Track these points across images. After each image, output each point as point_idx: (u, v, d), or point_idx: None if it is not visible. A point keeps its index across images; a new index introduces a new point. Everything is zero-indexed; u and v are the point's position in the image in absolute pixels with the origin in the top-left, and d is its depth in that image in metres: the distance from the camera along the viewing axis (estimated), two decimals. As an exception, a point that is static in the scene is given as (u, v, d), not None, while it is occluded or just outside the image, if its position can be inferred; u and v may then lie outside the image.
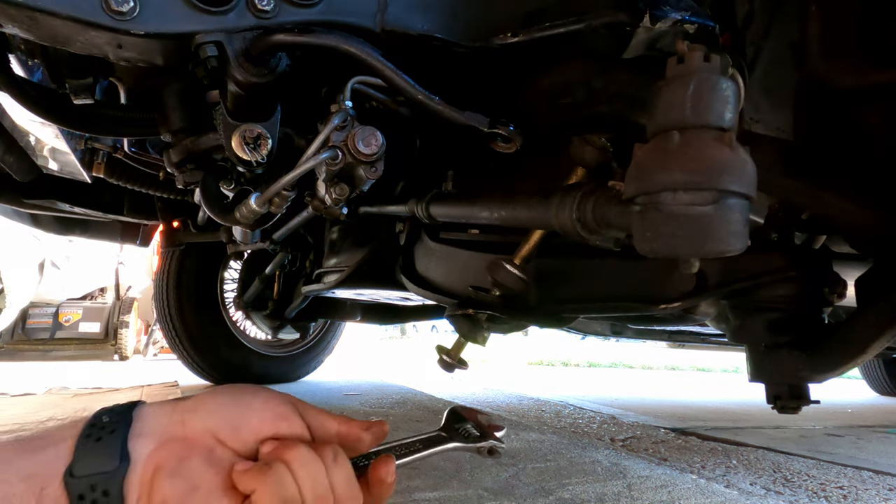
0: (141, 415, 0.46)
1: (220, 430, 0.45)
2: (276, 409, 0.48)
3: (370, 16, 0.62)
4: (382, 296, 1.74)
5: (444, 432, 0.58)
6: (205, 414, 0.46)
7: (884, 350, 0.68)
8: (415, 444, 0.55)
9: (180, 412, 0.46)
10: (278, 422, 0.47)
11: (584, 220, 0.57)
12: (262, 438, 0.46)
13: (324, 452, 0.46)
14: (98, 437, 0.43)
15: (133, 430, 0.44)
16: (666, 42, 0.62)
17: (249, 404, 0.47)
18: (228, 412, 0.46)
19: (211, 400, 0.47)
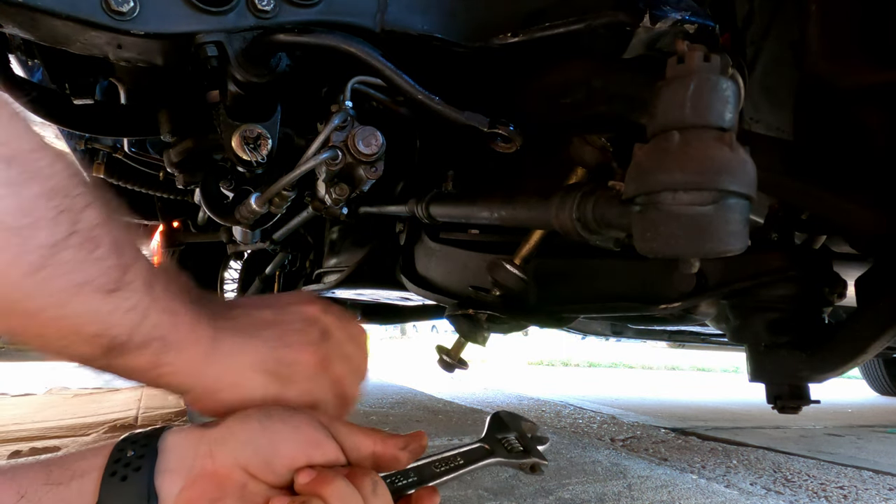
0: (166, 447, 0.43)
1: (251, 464, 0.43)
2: (309, 436, 0.46)
3: (370, 16, 0.62)
4: (382, 296, 1.74)
5: (487, 443, 0.55)
6: (234, 446, 0.44)
7: (884, 350, 0.68)
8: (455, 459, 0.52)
9: (207, 443, 0.44)
10: (311, 449, 0.45)
11: (584, 220, 0.57)
12: (295, 468, 0.44)
13: (362, 483, 0.44)
14: (123, 476, 0.41)
15: (160, 466, 0.42)
16: (666, 42, 0.62)
17: (280, 432, 0.45)
18: (260, 443, 0.44)
19: (240, 429, 0.45)
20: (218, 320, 0.49)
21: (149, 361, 0.43)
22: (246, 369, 0.49)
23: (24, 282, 0.36)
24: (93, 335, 0.40)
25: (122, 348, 0.41)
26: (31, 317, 0.38)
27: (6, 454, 1.33)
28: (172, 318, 0.44)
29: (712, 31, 0.59)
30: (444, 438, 1.71)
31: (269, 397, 0.49)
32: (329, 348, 0.54)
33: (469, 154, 0.96)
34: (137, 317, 0.41)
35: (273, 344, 0.50)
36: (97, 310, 0.39)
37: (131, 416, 1.82)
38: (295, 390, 0.50)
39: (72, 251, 0.37)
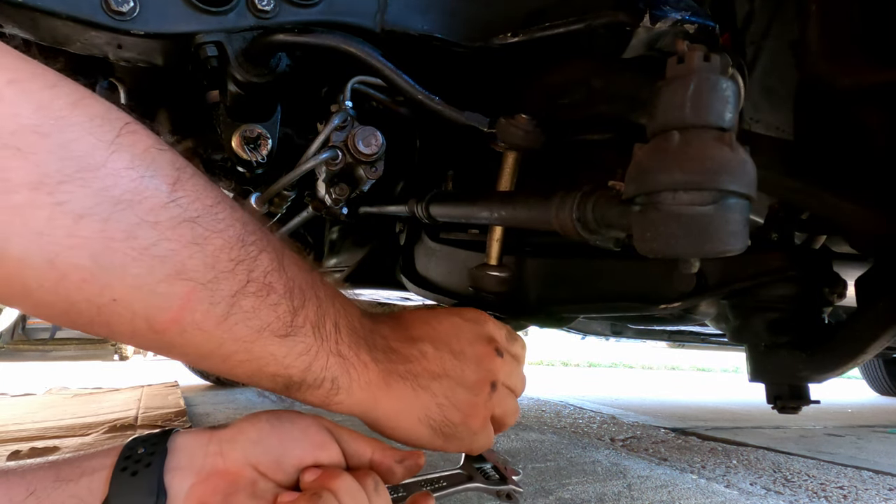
0: (176, 446, 0.44)
1: (261, 462, 0.45)
2: (315, 438, 0.48)
3: (370, 16, 0.62)
4: (382, 296, 1.74)
5: (465, 471, 0.60)
6: (245, 445, 0.45)
7: (884, 350, 0.68)
8: (439, 481, 0.57)
9: (217, 442, 0.45)
10: (317, 451, 0.47)
11: (584, 220, 0.57)
12: (302, 468, 0.46)
13: (365, 482, 0.47)
14: (134, 471, 0.42)
15: (169, 463, 0.43)
16: (666, 42, 0.62)
17: (289, 433, 0.47)
18: (269, 443, 0.46)
19: (249, 429, 0.47)
20: (391, 362, 0.51)
21: (322, 399, 0.47)
22: (413, 421, 0.51)
23: (215, 331, 0.39)
24: (272, 375, 0.44)
25: (297, 387, 0.45)
26: (223, 360, 0.42)
27: (6, 454, 1.33)
28: (342, 361, 0.47)
29: (712, 31, 0.60)
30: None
31: (429, 446, 0.53)
32: (496, 400, 0.56)
33: (469, 154, 0.96)
34: (309, 359, 0.44)
35: (442, 401, 0.52)
36: (274, 353, 0.42)
37: (131, 416, 1.82)
38: (456, 446, 0.54)
39: (250, 299, 0.40)
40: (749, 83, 0.72)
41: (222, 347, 0.41)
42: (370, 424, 0.51)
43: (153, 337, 0.39)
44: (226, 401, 2.30)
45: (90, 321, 0.37)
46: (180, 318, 0.38)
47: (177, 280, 0.37)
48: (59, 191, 0.34)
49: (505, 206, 0.70)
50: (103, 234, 0.35)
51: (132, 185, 0.36)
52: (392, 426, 0.51)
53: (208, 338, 0.40)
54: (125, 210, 0.35)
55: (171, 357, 0.47)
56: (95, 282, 0.35)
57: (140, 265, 0.36)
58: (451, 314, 0.58)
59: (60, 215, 0.34)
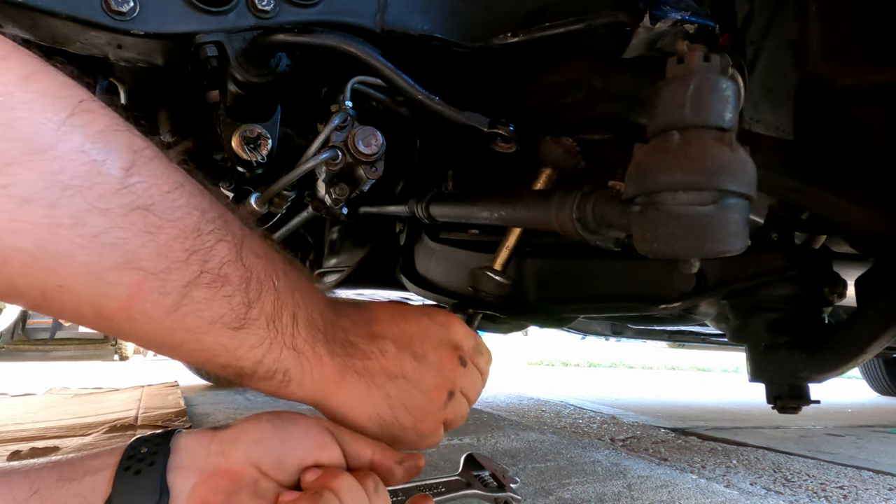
0: (179, 446, 0.45)
1: (263, 462, 0.45)
2: (316, 438, 0.48)
3: (370, 16, 0.62)
4: (382, 296, 1.74)
5: (464, 478, 0.61)
6: (247, 445, 0.46)
7: (884, 350, 0.68)
8: (438, 486, 0.58)
9: (219, 442, 0.45)
10: (319, 451, 0.47)
11: (584, 220, 0.57)
12: (303, 468, 0.46)
13: (366, 482, 0.47)
14: (137, 470, 0.42)
15: (172, 463, 0.43)
16: (666, 42, 0.62)
17: (291, 433, 0.47)
18: (271, 443, 0.46)
19: (251, 429, 0.47)
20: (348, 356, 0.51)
21: (273, 389, 0.47)
22: (363, 418, 0.51)
23: (165, 320, 0.39)
24: (223, 365, 0.43)
25: (249, 377, 0.45)
26: (172, 348, 0.41)
27: (6, 454, 1.33)
28: (296, 355, 0.46)
29: (712, 31, 0.60)
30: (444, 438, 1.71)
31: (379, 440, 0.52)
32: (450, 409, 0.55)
33: (469, 154, 0.96)
34: (262, 352, 0.44)
35: (395, 403, 0.52)
36: (226, 345, 0.42)
37: (131, 416, 1.82)
38: (402, 447, 0.53)
39: (203, 290, 0.39)
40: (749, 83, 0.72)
41: (172, 336, 0.40)
42: (321, 412, 0.51)
43: (100, 322, 0.38)
44: (226, 401, 2.30)
45: (34, 304, 0.37)
46: (129, 307, 0.37)
47: (126, 269, 0.36)
48: (3, 173, 0.32)
49: (505, 206, 0.70)
50: (50, 220, 0.34)
51: (82, 170, 0.34)
52: (341, 419, 0.51)
53: (157, 327, 0.39)
54: (74, 196, 0.34)
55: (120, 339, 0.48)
56: (39, 267, 0.34)
57: (88, 253, 0.35)
58: (421, 315, 0.57)
59: (3, 199, 0.32)
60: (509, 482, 0.61)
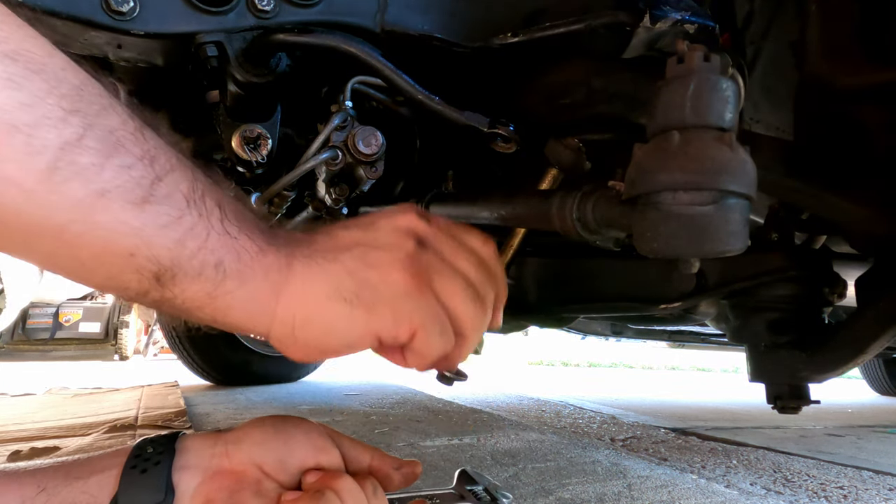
0: (184, 447, 0.46)
1: (265, 463, 0.46)
2: (317, 442, 0.48)
3: (370, 16, 0.62)
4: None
5: (457, 491, 0.62)
6: (250, 446, 0.46)
7: (884, 350, 0.68)
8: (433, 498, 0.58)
9: (223, 444, 0.46)
10: (319, 454, 0.48)
11: (585, 220, 0.57)
12: (304, 469, 0.47)
13: (365, 485, 0.47)
14: (143, 469, 0.43)
15: (177, 463, 0.44)
16: (666, 42, 0.62)
17: (293, 436, 0.48)
18: (273, 445, 0.47)
19: (255, 431, 0.47)
20: (293, 246, 0.42)
21: (205, 293, 0.37)
22: (321, 299, 0.40)
23: (39, 188, 0.31)
24: (129, 254, 0.35)
25: (171, 276, 0.36)
26: (58, 235, 0.33)
27: (6, 454, 1.33)
28: (229, 240, 0.38)
29: (712, 31, 0.60)
30: (444, 438, 1.71)
31: (357, 330, 0.41)
32: (427, 260, 0.44)
33: (469, 154, 0.96)
34: (180, 232, 0.36)
35: (353, 266, 0.42)
36: (126, 222, 0.34)
37: (131, 416, 1.82)
38: (386, 314, 0.41)
39: (87, 155, 0.32)
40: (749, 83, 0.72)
41: (52, 216, 0.32)
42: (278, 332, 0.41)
43: None
44: (226, 401, 2.30)
45: None
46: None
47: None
48: None
49: (505, 206, 0.70)
50: None
51: None
52: (299, 323, 0.40)
53: (29, 201, 0.32)
54: None
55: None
56: None
57: None
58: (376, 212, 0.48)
59: None
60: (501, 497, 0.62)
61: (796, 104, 0.67)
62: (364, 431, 1.78)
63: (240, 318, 0.40)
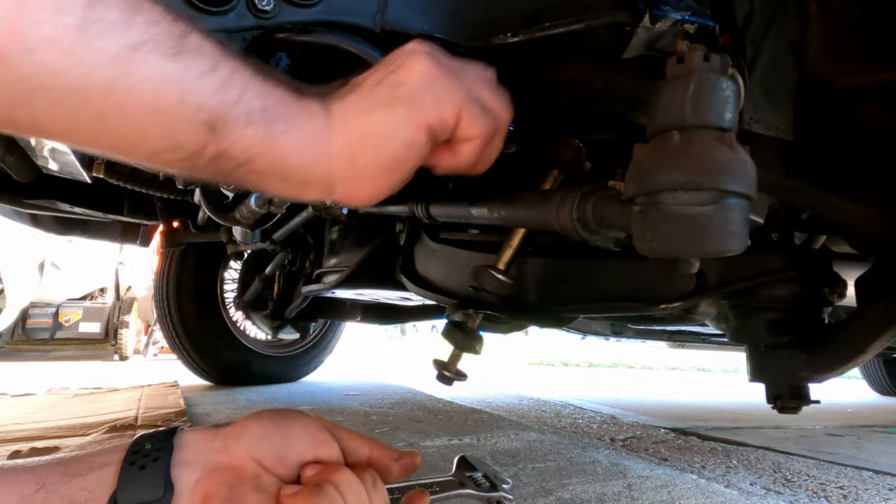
0: (182, 442, 0.46)
1: (264, 457, 0.46)
2: (316, 435, 0.48)
3: (370, 16, 0.62)
4: (382, 296, 1.74)
5: (457, 479, 0.62)
6: (249, 441, 0.46)
7: (884, 350, 0.68)
8: (433, 486, 0.58)
9: (222, 439, 0.46)
10: (318, 447, 0.48)
11: (584, 220, 0.57)
12: (303, 463, 0.47)
13: (364, 477, 0.47)
14: (142, 465, 0.43)
15: (175, 458, 0.44)
16: (666, 42, 0.62)
17: (291, 430, 0.48)
18: (273, 439, 0.47)
19: (253, 426, 0.47)
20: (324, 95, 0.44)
21: (259, 137, 0.39)
22: (364, 117, 0.43)
23: (75, 46, 0.32)
24: (178, 101, 0.36)
25: (222, 122, 0.37)
26: (106, 93, 0.34)
27: (6, 454, 1.33)
28: (268, 89, 0.40)
29: (712, 31, 0.60)
30: (444, 438, 1.71)
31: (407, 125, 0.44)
32: (440, 57, 0.47)
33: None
34: (218, 82, 0.37)
35: (383, 82, 0.45)
36: (167, 73, 0.35)
37: (131, 416, 1.82)
38: (426, 100, 0.44)
39: (113, 11, 0.33)
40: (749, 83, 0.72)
41: (95, 72, 0.33)
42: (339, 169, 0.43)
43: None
44: (226, 401, 2.30)
45: None
46: (20, 31, 0.31)
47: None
48: None
49: (505, 206, 0.70)
50: None
51: None
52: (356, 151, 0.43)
53: (69, 58, 0.32)
54: None
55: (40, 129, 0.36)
56: None
57: None
58: None
59: None
60: (501, 483, 0.62)
61: (796, 104, 0.67)
62: (364, 431, 1.77)
63: (298, 162, 0.41)
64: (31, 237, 4.98)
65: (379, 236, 1.37)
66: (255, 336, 2.72)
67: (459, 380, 0.80)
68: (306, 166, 0.42)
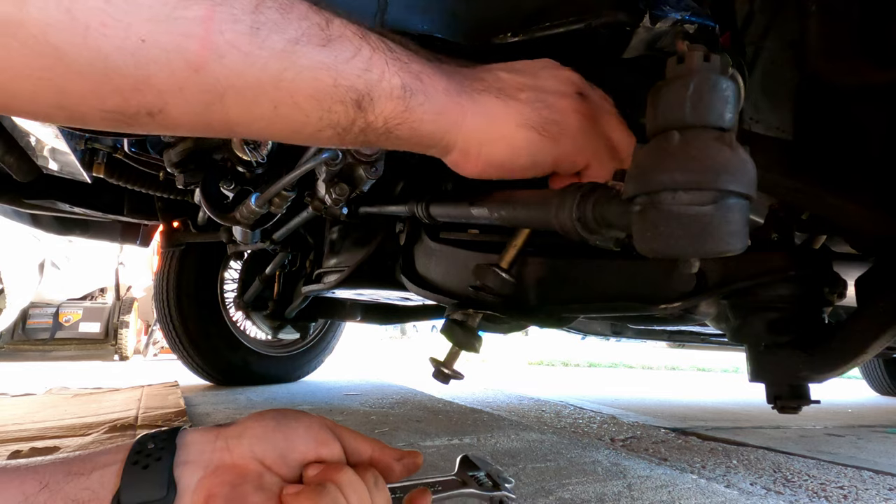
0: (185, 442, 0.46)
1: (266, 457, 0.46)
2: (318, 435, 0.48)
3: (370, 16, 0.62)
4: (382, 296, 1.74)
5: (459, 478, 0.62)
6: (251, 440, 0.46)
7: (884, 350, 0.68)
8: (435, 485, 0.58)
9: (224, 438, 0.46)
10: (320, 447, 0.48)
11: (584, 219, 0.57)
12: (305, 463, 0.47)
13: (366, 477, 0.47)
14: (145, 465, 0.43)
15: (178, 458, 0.44)
16: (666, 42, 0.62)
17: (294, 430, 0.48)
18: (275, 438, 0.47)
19: (256, 425, 0.48)
20: (462, 77, 0.49)
21: (399, 110, 0.44)
22: (512, 125, 0.49)
23: (251, 47, 0.38)
24: (333, 85, 0.42)
25: (368, 99, 0.43)
26: (276, 86, 0.40)
27: (6, 454, 1.33)
28: (406, 66, 0.45)
29: (712, 31, 0.60)
30: (444, 438, 1.71)
31: (543, 154, 0.51)
32: (590, 105, 0.54)
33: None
34: (363, 64, 0.43)
35: (535, 105, 0.50)
36: (322, 61, 0.41)
37: (131, 416, 1.82)
38: (568, 146, 0.52)
39: (272, 13, 0.39)
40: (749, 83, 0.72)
41: (267, 67, 0.39)
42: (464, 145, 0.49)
43: (197, 79, 0.38)
44: (226, 401, 2.30)
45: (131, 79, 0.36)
46: (211, 41, 0.37)
47: (190, 3, 0.36)
48: None
49: (505, 206, 0.70)
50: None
51: None
52: (488, 140, 0.49)
53: (248, 58, 0.39)
54: None
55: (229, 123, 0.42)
56: (116, 24, 0.34)
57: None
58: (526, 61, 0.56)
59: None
60: (504, 482, 0.61)
61: (796, 104, 0.67)
62: (364, 431, 1.77)
63: (432, 130, 0.47)
64: (31, 237, 4.98)
65: (379, 236, 1.37)
66: (256, 336, 2.73)
67: (456, 378, 0.80)
68: (436, 133, 0.48)
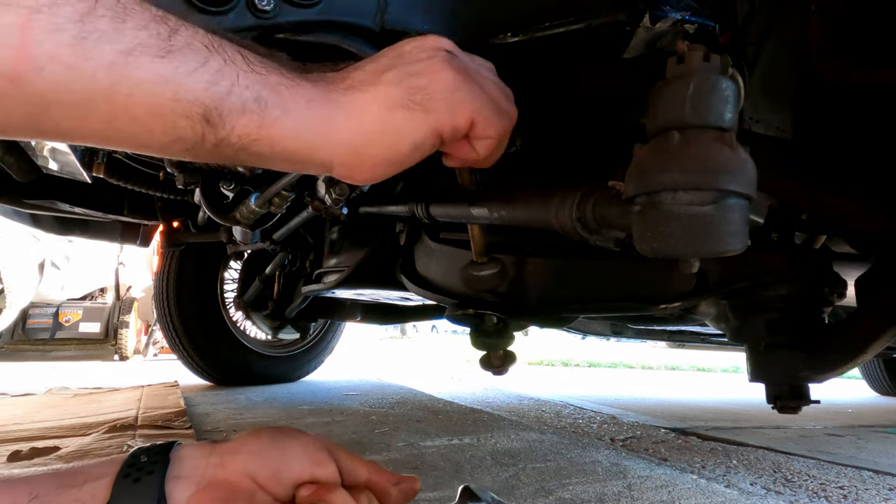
0: (178, 456, 0.45)
1: (260, 474, 0.45)
2: (314, 455, 0.48)
3: (370, 15, 0.62)
4: (382, 296, 1.74)
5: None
6: (246, 457, 0.46)
7: (884, 350, 0.68)
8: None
9: (219, 454, 0.46)
10: (315, 467, 0.47)
11: (584, 219, 0.57)
12: (299, 483, 0.46)
13: (360, 499, 0.47)
14: (136, 478, 0.43)
15: (171, 472, 0.44)
16: (666, 42, 0.62)
17: (289, 448, 0.47)
18: (270, 456, 0.46)
19: (252, 442, 0.47)
20: (328, 81, 0.45)
21: (254, 125, 0.40)
22: (380, 113, 0.44)
23: (75, 59, 0.35)
24: (173, 99, 0.38)
25: (217, 114, 0.39)
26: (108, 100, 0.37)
27: (6, 454, 1.33)
28: (262, 78, 0.41)
29: (712, 31, 0.60)
30: (444, 438, 1.71)
31: (421, 130, 0.45)
32: (461, 61, 0.48)
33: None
34: (209, 76, 0.38)
35: (400, 80, 0.45)
36: (159, 73, 0.37)
37: (131, 416, 1.82)
38: (442, 110, 0.46)
39: (104, 22, 0.36)
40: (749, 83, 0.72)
41: (96, 80, 0.35)
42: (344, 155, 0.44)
43: (15, 91, 0.34)
44: (226, 401, 2.30)
45: None
46: (28, 52, 0.34)
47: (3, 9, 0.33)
48: None
49: (505, 206, 0.70)
50: None
51: None
52: (364, 141, 0.43)
53: (72, 71, 0.35)
54: None
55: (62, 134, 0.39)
56: None
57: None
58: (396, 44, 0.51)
59: None
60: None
61: (796, 104, 0.67)
62: (364, 431, 1.78)
63: (296, 147, 0.42)
64: (31, 237, 4.98)
65: (379, 236, 1.37)
66: (255, 336, 2.72)
67: (510, 364, 0.80)
68: (302, 150, 0.43)
